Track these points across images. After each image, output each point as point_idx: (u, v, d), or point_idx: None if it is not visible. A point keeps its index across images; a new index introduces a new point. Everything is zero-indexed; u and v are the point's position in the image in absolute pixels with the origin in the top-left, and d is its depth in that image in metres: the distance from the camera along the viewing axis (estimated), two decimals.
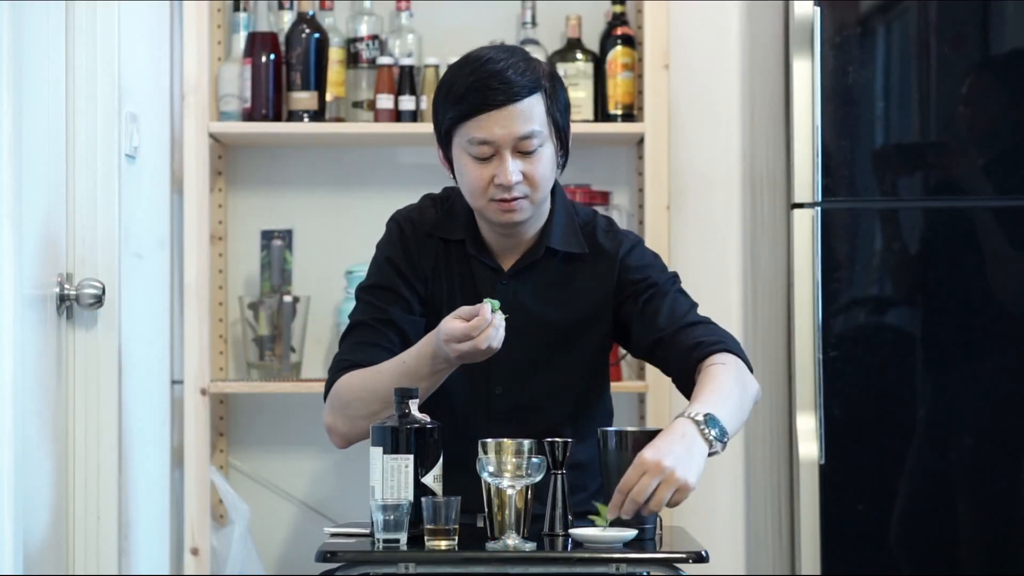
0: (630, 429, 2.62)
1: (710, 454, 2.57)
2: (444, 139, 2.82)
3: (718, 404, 2.62)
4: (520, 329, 2.80)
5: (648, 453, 2.51)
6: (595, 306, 2.88)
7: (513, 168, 2.75)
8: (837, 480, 3.69)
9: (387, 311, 2.85)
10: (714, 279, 4.06)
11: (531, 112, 2.76)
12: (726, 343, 2.79)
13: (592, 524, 2.58)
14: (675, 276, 2.92)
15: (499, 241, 2.88)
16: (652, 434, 2.59)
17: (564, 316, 2.86)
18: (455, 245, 2.89)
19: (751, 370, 2.80)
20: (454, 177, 2.86)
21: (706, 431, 2.56)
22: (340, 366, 2.84)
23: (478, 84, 2.74)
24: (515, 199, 2.77)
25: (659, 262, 2.94)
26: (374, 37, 3.96)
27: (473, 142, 2.76)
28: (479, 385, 2.85)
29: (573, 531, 2.56)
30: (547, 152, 2.79)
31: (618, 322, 2.89)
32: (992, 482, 3.71)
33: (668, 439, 2.54)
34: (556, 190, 2.89)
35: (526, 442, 2.56)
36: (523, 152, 2.76)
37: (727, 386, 2.69)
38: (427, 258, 2.88)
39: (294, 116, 3.90)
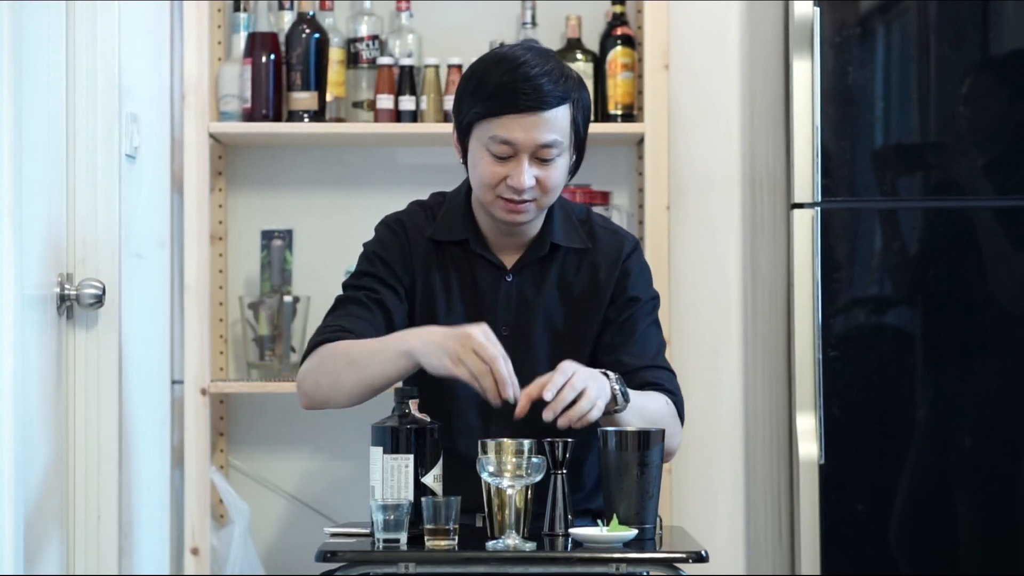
0: (630, 429, 2.62)
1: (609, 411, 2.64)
2: (464, 129, 2.82)
3: (633, 395, 2.71)
4: (524, 325, 2.81)
5: (570, 364, 2.61)
6: (596, 300, 2.88)
7: (528, 174, 2.76)
8: (837, 480, 3.69)
9: (377, 291, 2.86)
10: (714, 279, 4.06)
11: (556, 122, 2.76)
12: (676, 395, 2.85)
13: (593, 523, 2.58)
14: (657, 300, 2.95)
15: (500, 239, 2.88)
16: (652, 434, 2.59)
17: (567, 311, 2.86)
18: (451, 245, 2.89)
19: (682, 424, 2.86)
20: (464, 163, 2.86)
21: (613, 384, 2.65)
22: (329, 330, 2.83)
23: (511, 85, 2.74)
24: (524, 202, 2.78)
25: (650, 275, 2.96)
26: (374, 37, 3.96)
27: (494, 140, 2.76)
28: None
29: (573, 531, 2.56)
30: (563, 162, 2.81)
31: None
32: (992, 482, 3.71)
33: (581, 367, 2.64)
34: None
35: (526, 442, 2.56)
36: (541, 159, 2.77)
37: (651, 400, 2.77)
38: (419, 255, 2.88)
39: (294, 116, 3.90)
